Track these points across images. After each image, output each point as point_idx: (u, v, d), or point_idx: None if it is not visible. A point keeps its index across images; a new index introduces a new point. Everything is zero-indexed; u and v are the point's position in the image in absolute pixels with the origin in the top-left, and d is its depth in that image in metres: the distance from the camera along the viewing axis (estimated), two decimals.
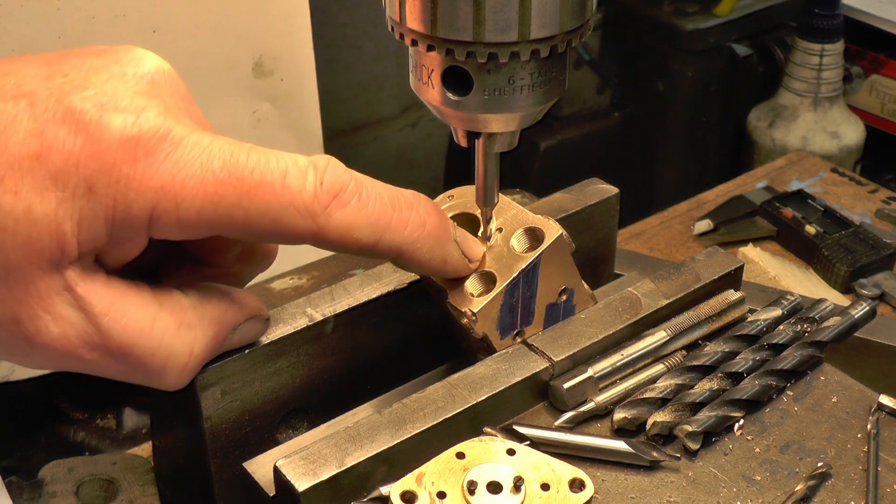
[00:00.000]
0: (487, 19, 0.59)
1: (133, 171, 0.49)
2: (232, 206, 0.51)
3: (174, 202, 0.50)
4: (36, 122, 0.48)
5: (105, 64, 0.52)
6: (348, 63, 1.90)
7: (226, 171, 0.51)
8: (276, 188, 0.52)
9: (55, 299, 0.50)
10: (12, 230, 0.47)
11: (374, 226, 0.57)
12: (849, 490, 0.66)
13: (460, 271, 0.67)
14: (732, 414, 0.69)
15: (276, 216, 0.53)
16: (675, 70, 1.75)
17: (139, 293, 0.53)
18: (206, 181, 0.51)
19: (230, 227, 0.52)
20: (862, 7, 1.71)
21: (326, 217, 0.54)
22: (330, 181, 0.55)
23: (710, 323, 0.76)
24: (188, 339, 0.55)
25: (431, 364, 0.78)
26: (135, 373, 0.53)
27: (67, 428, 1.32)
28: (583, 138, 1.83)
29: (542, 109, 0.66)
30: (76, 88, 0.50)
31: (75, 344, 0.51)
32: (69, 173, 0.48)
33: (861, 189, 1.38)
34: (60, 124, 0.48)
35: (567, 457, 0.64)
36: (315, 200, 0.54)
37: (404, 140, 2.05)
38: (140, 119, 0.50)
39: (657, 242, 1.29)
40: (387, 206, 0.58)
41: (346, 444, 0.63)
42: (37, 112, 0.48)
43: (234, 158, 0.52)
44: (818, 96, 1.68)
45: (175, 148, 0.50)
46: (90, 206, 0.49)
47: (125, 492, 0.82)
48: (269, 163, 0.53)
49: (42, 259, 0.48)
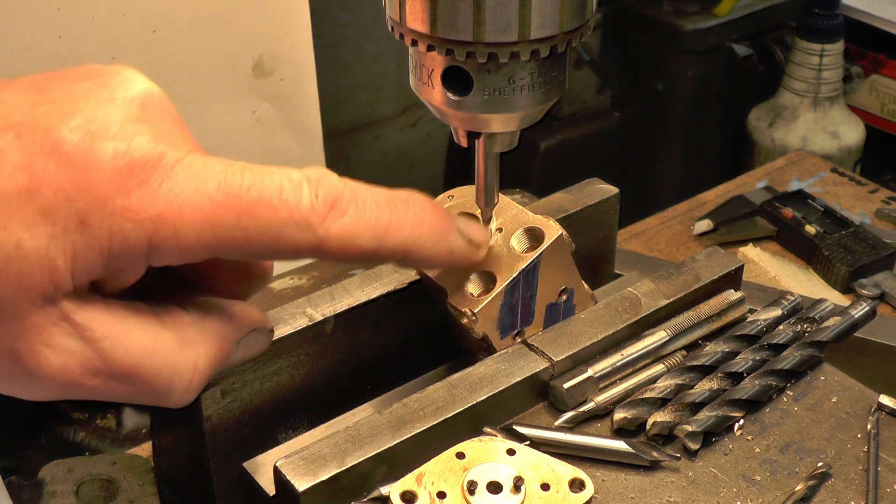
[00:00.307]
0: (487, 19, 0.59)
1: (128, 201, 0.48)
2: (231, 226, 0.51)
3: (172, 229, 0.50)
4: (24, 156, 0.47)
5: (93, 89, 0.51)
6: (348, 63, 1.90)
7: (222, 192, 0.51)
8: (273, 204, 0.52)
9: (52, 331, 0.49)
10: (3, 266, 0.47)
11: (374, 230, 0.57)
12: (849, 490, 0.66)
13: (469, 259, 0.66)
14: (732, 414, 0.69)
15: (275, 232, 0.52)
16: (675, 70, 1.75)
17: (138, 313, 0.53)
18: (203, 204, 0.50)
19: (230, 248, 0.52)
20: (862, 7, 1.71)
21: (326, 229, 0.54)
22: (325, 192, 0.54)
23: (710, 323, 0.76)
24: (192, 355, 0.54)
25: (431, 364, 0.78)
26: (140, 394, 0.53)
27: (67, 428, 1.32)
28: (583, 138, 1.83)
29: (542, 109, 0.66)
30: (64, 116, 0.49)
31: (78, 372, 0.50)
32: (60, 207, 0.47)
33: (861, 189, 1.38)
34: (49, 156, 0.47)
35: (567, 457, 0.64)
36: (313, 213, 0.53)
37: (404, 140, 2.05)
38: (131, 147, 0.49)
39: (657, 242, 1.29)
40: (384, 210, 0.58)
41: (346, 444, 0.63)
42: (24, 144, 0.47)
43: (228, 179, 0.51)
44: (818, 96, 1.68)
45: (168, 174, 0.50)
46: (83, 240, 0.48)
47: (125, 492, 0.82)
48: (264, 180, 0.52)
49: (34, 294, 0.48)
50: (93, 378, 0.51)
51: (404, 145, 2.06)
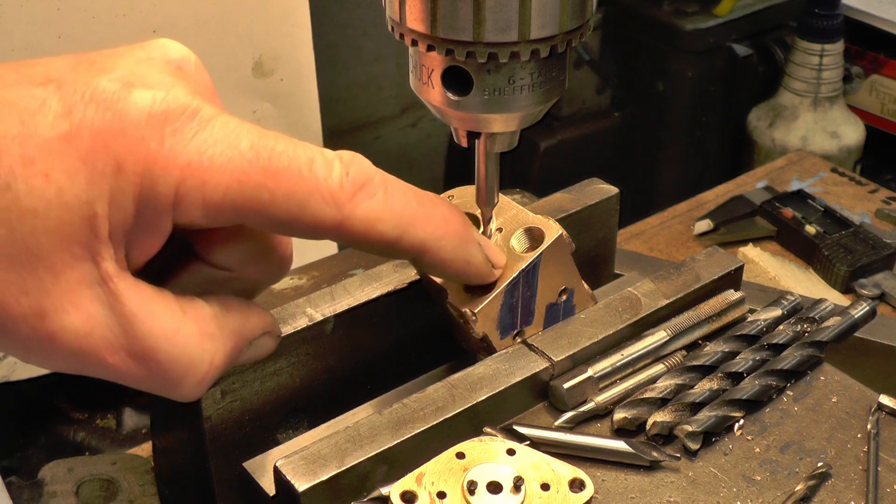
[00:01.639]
0: (487, 19, 0.59)
1: (160, 147, 0.49)
2: (258, 187, 0.51)
3: (200, 180, 0.50)
4: (64, 105, 0.48)
5: (131, 50, 0.53)
6: (348, 63, 1.90)
7: (253, 152, 0.51)
8: (302, 173, 0.52)
9: (86, 293, 0.49)
10: (43, 214, 0.47)
11: (399, 219, 0.57)
12: (849, 490, 0.66)
13: (483, 275, 0.66)
14: (732, 414, 0.69)
15: (301, 201, 0.52)
16: (675, 70, 1.75)
17: (164, 298, 0.52)
18: (234, 161, 0.50)
19: (254, 212, 0.52)
20: (862, 7, 1.71)
21: (352, 207, 0.54)
22: (356, 172, 0.55)
23: (710, 323, 0.76)
24: (209, 349, 0.54)
25: (431, 364, 0.78)
26: (153, 379, 0.52)
27: (67, 428, 1.32)
28: (583, 138, 1.83)
29: (542, 109, 0.66)
30: (103, 71, 0.50)
31: (100, 345, 0.50)
32: (98, 152, 0.48)
33: (861, 189, 1.38)
34: (88, 103, 0.48)
35: (567, 457, 0.64)
36: (341, 189, 0.54)
37: (404, 140, 2.05)
38: (169, 96, 0.50)
39: (657, 242, 1.29)
40: (412, 202, 0.58)
41: (346, 444, 0.63)
42: (65, 94, 0.48)
43: (262, 141, 0.52)
44: (818, 96, 1.68)
45: (203, 127, 0.50)
46: (119, 185, 0.48)
47: (125, 492, 0.82)
48: (297, 150, 0.53)
49: (74, 244, 0.48)
50: (113, 353, 0.50)
51: (404, 145, 2.06)
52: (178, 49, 0.54)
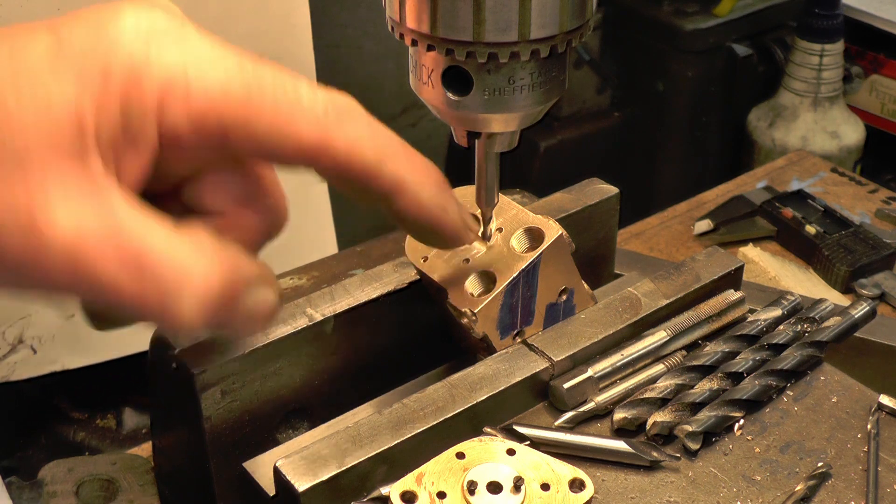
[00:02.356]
0: (487, 19, 0.59)
1: (146, 56, 0.51)
2: (242, 98, 0.52)
3: (185, 86, 0.51)
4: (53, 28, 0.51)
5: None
6: (348, 63, 1.90)
7: (239, 67, 0.52)
8: (287, 92, 0.53)
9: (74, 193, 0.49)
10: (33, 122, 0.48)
11: (381, 149, 0.57)
12: (849, 490, 0.66)
13: (458, 229, 0.64)
14: (732, 414, 0.69)
15: (285, 118, 0.53)
16: (675, 70, 1.75)
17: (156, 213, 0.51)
18: (217, 70, 0.52)
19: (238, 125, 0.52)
20: (862, 7, 1.71)
21: (336, 128, 0.55)
22: (342, 103, 0.56)
23: (710, 323, 0.76)
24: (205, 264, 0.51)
25: (431, 364, 0.78)
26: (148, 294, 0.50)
27: (67, 428, 1.32)
28: (583, 138, 1.83)
29: (542, 109, 0.66)
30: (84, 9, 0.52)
31: (91, 252, 0.48)
32: (86, 59, 0.50)
33: (861, 189, 1.38)
34: (76, 21, 0.51)
35: (567, 457, 0.64)
36: (325, 114, 0.54)
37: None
38: (153, 14, 0.52)
39: (657, 242, 1.29)
40: (395, 139, 0.59)
41: (346, 444, 0.63)
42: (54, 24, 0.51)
43: (248, 61, 0.53)
44: (818, 96, 1.68)
45: (189, 38, 0.52)
46: (105, 89, 0.50)
47: (125, 492, 0.82)
48: (284, 73, 0.54)
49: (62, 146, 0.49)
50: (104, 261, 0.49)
51: None
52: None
